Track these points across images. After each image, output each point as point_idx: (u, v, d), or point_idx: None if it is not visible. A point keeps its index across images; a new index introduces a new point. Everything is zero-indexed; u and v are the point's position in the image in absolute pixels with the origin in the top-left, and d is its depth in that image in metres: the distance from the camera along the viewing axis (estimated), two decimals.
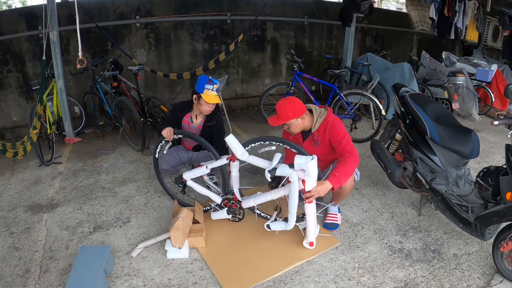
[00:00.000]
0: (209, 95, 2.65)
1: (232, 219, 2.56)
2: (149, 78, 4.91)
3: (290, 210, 2.21)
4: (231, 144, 2.29)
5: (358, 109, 4.58)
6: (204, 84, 2.63)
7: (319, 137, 2.45)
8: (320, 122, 2.42)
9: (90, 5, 4.33)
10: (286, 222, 2.31)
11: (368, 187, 3.17)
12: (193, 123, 2.87)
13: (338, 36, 5.87)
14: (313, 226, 2.25)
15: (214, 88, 2.66)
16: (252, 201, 2.41)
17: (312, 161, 2.02)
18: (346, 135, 2.35)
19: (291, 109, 2.31)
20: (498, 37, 6.47)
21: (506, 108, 5.24)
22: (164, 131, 2.58)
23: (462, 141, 2.35)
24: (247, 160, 2.30)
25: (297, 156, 2.06)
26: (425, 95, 3.24)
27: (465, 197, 2.39)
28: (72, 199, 2.98)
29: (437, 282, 2.10)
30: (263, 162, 2.26)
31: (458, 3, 5.26)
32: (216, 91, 2.68)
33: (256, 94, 5.59)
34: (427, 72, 5.20)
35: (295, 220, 2.25)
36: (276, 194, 2.28)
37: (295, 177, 2.08)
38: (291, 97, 2.39)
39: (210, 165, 2.48)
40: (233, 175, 2.46)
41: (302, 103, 2.38)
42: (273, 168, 2.12)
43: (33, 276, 2.15)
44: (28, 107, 4.26)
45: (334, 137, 2.36)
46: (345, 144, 2.30)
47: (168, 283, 2.10)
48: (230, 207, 2.50)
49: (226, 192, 2.53)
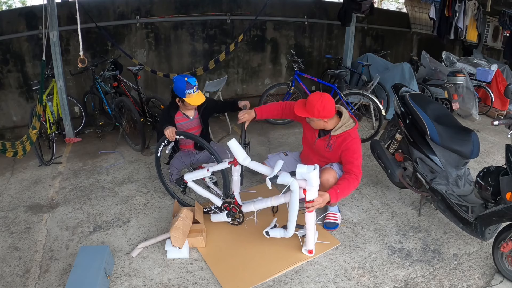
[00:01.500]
0: (192, 97, 2.61)
1: (232, 222, 2.55)
2: (149, 78, 4.91)
3: (290, 218, 2.20)
4: (233, 148, 2.29)
5: (358, 109, 4.59)
6: (184, 90, 2.57)
7: (335, 143, 2.39)
8: (343, 130, 2.35)
9: (90, 5, 4.33)
10: (285, 229, 2.31)
11: (368, 187, 3.17)
12: (189, 117, 2.83)
13: (338, 36, 5.87)
14: (313, 235, 2.25)
15: (195, 89, 2.60)
16: (252, 206, 2.41)
17: (314, 171, 2.01)
18: (359, 158, 2.32)
19: (318, 108, 2.23)
20: (498, 37, 6.47)
21: (506, 108, 5.24)
22: (167, 131, 2.52)
23: (462, 141, 2.35)
24: (249, 166, 2.30)
25: (299, 165, 2.05)
26: (425, 95, 3.24)
27: (465, 197, 2.39)
28: (72, 199, 2.98)
29: (437, 282, 2.10)
30: (265, 168, 2.26)
31: (458, 3, 5.26)
32: (197, 91, 2.63)
33: (256, 94, 5.59)
34: (427, 72, 5.20)
35: (294, 228, 2.25)
36: (276, 201, 2.29)
37: (296, 186, 2.07)
38: (325, 96, 2.27)
39: (212, 168, 2.48)
40: (234, 179, 2.46)
41: (333, 106, 2.30)
42: (274, 176, 2.12)
43: (33, 276, 2.15)
44: (28, 107, 4.26)
45: (348, 154, 2.32)
46: (356, 166, 2.29)
47: (168, 283, 2.10)
48: (230, 211, 2.49)
49: (226, 195, 2.53)
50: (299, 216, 2.21)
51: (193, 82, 2.60)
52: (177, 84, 2.60)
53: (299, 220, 2.25)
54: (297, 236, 2.39)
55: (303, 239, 2.34)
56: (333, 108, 2.31)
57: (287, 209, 2.20)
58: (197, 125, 2.87)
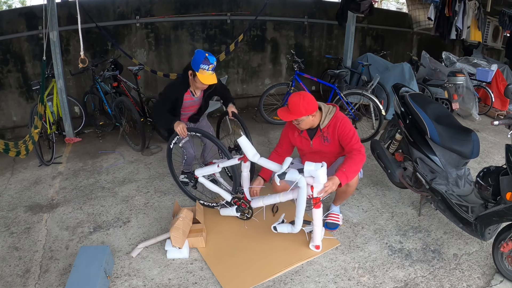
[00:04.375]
0: (204, 75, 2.53)
1: (241, 217, 2.60)
2: (149, 78, 4.91)
3: (298, 214, 2.24)
4: (243, 145, 2.32)
5: (358, 109, 4.58)
6: (200, 63, 2.49)
7: (329, 134, 2.42)
8: (329, 118, 2.39)
9: (90, 5, 4.33)
10: (293, 225, 2.34)
11: (368, 187, 3.17)
12: (195, 96, 2.80)
13: (338, 36, 5.87)
14: (320, 230, 2.29)
15: (210, 68, 2.52)
16: (261, 201, 2.45)
17: (322, 168, 2.04)
18: (355, 134, 2.36)
19: (304, 106, 2.23)
20: (498, 37, 6.46)
21: (506, 108, 5.24)
22: (179, 129, 2.54)
23: (462, 141, 2.35)
24: (258, 162, 2.34)
25: (307, 163, 2.08)
26: (425, 95, 3.24)
27: (465, 197, 2.39)
28: (72, 199, 2.98)
29: (437, 282, 2.10)
30: (273, 165, 2.29)
31: (458, 3, 5.26)
32: (212, 71, 2.55)
33: (256, 94, 5.59)
34: (427, 72, 5.20)
35: (301, 223, 2.28)
36: (284, 197, 2.32)
37: (304, 182, 2.10)
38: (304, 93, 2.30)
39: (222, 164, 2.52)
40: (244, 175, 2.51)
41: (314, 99, 2.31)
42: (282, 173, 2.13)
43: (33, 276, 2.15)
44: (28, 107, 4.26)
45: (344, 135, 2.36)
46: (354, 143, 2.32)
47: (168, 283, 2.10)
48: (239, 206, 2.54)
49: (236, 191, 2.58)
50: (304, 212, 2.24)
51: (212, 61, 2.52)
52: (196, 55, 2.54)
53: (305, 217, 2.29)
54: (297, 235, 2.41)
55: (310, 235, 2.38)
56: (315, 101, 2.33)
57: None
58: (198, 104, 2.88)
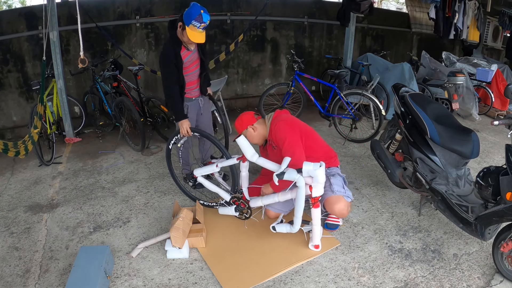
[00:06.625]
0: (193, 31, 2.42)
1: (239, 216, 2.60)
2: (149, 78, 4.90)
3: (296, 213, 2.24)
4: (242, 145, 2.34)
5: (358, 109, 4.57)
6: (192, 19, 2.37)
7: (274, 142, 2.47)
8: (269, 125, 2.49)
9: (90, 5, 4.33)
10: (291, 225, 2.34)
11: (368, 187, 3.17)
12: (191, 49, 2.70)
13: (338, 36, 5.87)
14: (319, 230, 2.29)
15: (201, 26, 2.41)
16: (260, 201, 2.46)
17: (320, 168, 2.06)
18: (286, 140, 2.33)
19: (239, 122, 2.54)
20: (498, 37, 6.46)
21: (506, 108, 5.24)
22: (183, 129, 2.61)
23: (462, 141, 2.35)
24: (257, 162, 2.36)
25: (306, 163, 2.10)
26: (425, 95, 3.24)
27: (465, 197, 2.39)
28: (72, 199, 2.98)
29: (437, 282, 2.10)
30: (272, 165, 2.30)
31: (458, 3, 5.26)
32: (203, 29, 2.45)
33: (256, 94, 5.59)
34: (427, 72, 5.20)
35: (300, 223, 2.29)
36: (283, 197, 2.33)
37: (303, 182, 2.11)
38: (242, 113, 2.57)
39: (221, 163, 2.54)
40: (243, 175, 2.53)
41: (251, 115, 2.54)
42: (281, 172, 2.15)
43: (33, 276, 2.15)
44: (28, 107, 4.26)
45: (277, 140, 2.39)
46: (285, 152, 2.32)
47: (168, 283, 2.10)
48: (238, 205, 2.55)
49: (235, 190, 2.59)
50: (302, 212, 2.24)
51: (206, 19, 2.41)
52: (191, 9, 2.41)
53: (303, 216, 2.30)
54: (297, 235, 2.41)
55: (308, 235, 2.38)
56: (251, 116, 2.54)
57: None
58: (197, 58, 2.79)
